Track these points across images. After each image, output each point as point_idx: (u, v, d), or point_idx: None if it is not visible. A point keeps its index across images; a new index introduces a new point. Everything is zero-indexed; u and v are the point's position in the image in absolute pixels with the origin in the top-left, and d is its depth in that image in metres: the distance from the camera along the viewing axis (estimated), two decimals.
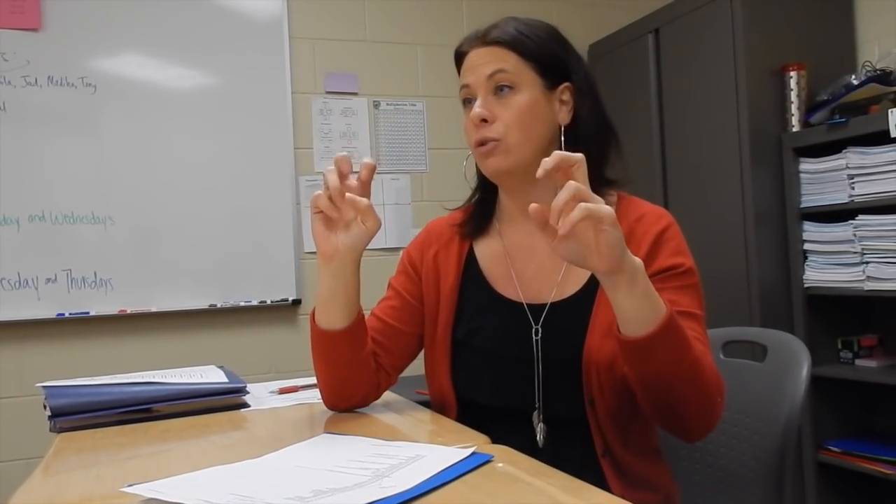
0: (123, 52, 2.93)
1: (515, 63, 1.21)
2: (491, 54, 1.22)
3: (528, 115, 1.20)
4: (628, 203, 1.28)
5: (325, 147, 3.22)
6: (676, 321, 1.01)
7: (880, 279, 2.43)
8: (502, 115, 1.20)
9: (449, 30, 3.34)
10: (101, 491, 0.91)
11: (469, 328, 1.29)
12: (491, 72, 1.21)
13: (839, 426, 2.72)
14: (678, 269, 1.18)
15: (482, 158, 1.23)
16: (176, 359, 2.69)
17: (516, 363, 1.23)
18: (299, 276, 3.11)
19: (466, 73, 1.24)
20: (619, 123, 1.36)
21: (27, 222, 2.78)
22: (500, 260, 1.32)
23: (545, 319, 1.23)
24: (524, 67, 1.21)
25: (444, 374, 1.30)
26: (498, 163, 1.21)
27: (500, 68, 1.20)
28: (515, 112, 1.20)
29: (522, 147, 1.20)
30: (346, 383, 1.26)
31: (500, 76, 1.20)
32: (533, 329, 1.23)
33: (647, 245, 1.20)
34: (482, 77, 1.21)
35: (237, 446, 1.15)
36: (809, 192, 2.68)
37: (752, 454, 1.36)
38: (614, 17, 3.51)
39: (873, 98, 2.54)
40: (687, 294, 1.18)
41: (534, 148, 1.21)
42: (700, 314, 1.18)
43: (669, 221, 1.22)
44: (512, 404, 1.22)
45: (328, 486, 0.84)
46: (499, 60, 1.21)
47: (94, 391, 1.32)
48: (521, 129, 1.20)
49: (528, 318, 1.24)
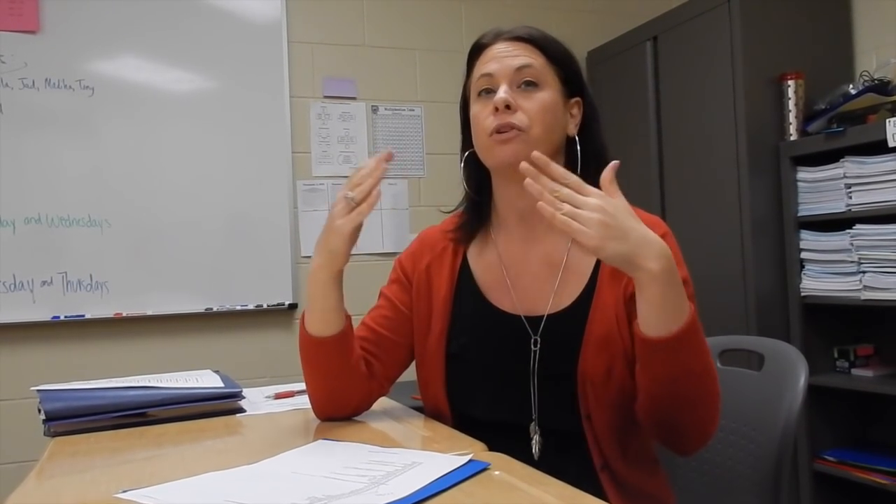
0: (121, 55, 2.93)
1: (542, 62, 1.22)
2: (519, 48, 1.22)
3: (550, 113, 1.20)
4: None
5: (323, 151, 3.21)
6: (698, 323, 1.02)
7: (877, 289, 2.43)
8: (526, 106, 1.19)
9: (447, 36, 3.34)
10: (95, 496, 0.91)
11: (463, 341, 1.28)
12: (520, 64, 1.20)
13: (835, 435, 2.72)
14: None
15: (499, 145, 1.19)
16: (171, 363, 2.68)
17: (512, 376, 1.22)
18: (296, 280, 3.10)
19: (489, 63, 1.22)
20: (617, 131, 1.37)
21: (23, 225, 2.77)
22: (495, 269, 1.30)
23: (543, 332, 1.22)
24: (549, 69, 1.22)
25: (438, 387, 1.28)
26: (516, 150, 1.17)
27: (529, 63, 1.20)
28: (540, 106, 1.19)
29: (541, 142, 1.19)
30: (339, 391, 1.26)
31: (528, 71, 1.20)
32: (531, 340, 1.21)
33: None
34: (510, 68, 1.20)
35: (232, 452, 1.14)
36: (807, 201, 2.68)
37: (749, 463, 1.36)
38: (613, 24, 3.52)
39: (871, 107, 2.55)
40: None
41: (548, 147, 1.20)
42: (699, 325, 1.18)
43: (665, 231, 1.21)
44: (508, 417, 1.21)
45: (324, 493, 0.84)
46: (527, 55, 1.21)
47: (89, 395, 1.31)
48: (543, 125, 1.19)
49: (526, 331, 1.23)
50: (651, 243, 0.99)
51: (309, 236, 3.16)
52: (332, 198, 3.20)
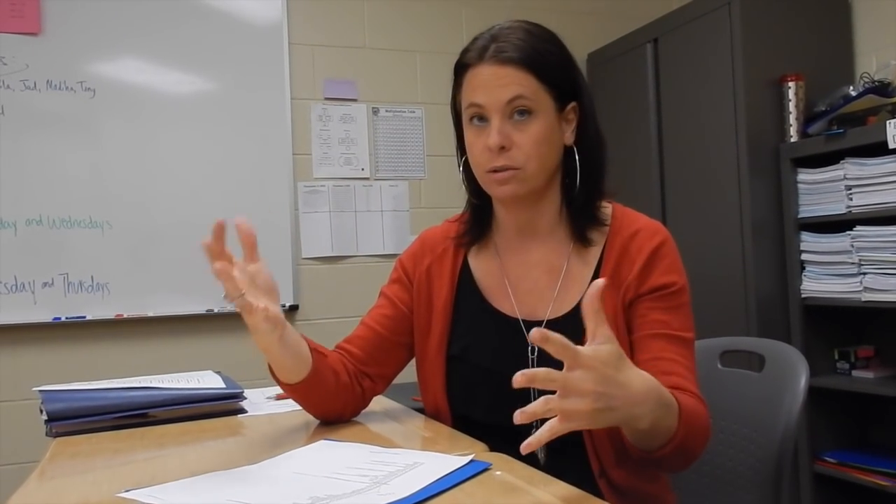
0: (123, 56, 2.93)
1: (534, 87, 1.15)
2: (508, 76, 1.15)
3: (545, 144, 1.17)
4: (623, 215, 1.26)
5: (324, 153, 3.22)
6: (685, 436, 1.01)
7: (877, 290, 2.43)
8: (521, 142, 1.16)
9: (448, 37, 3.35)
10: (97, 496, 0.91)
11: (464, 344, 1.27)
12: (510, 97, 1.14)
13: (835, 437, 2.72)
14: (671, 289, 1.18)
15: (496, 184, 1.19)
16: (172, 364, 2.68)
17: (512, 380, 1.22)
18: (296, 282, 3.11)
19: (477, 92, 1.17)
20: (617, 132, 1.37)
21: (24, 226, 2.78)
22: (496, 274, 1.30)
23: None
24: (541, 92, 1.16)
25: (438, 390, 1.28)
26: (514, 191, 1.18)
27: (520, 94, 1.14)
28: (535, 140, 1.16)
29: (538, 175, 1.18)
30: (332, 412, 1.28)
31: (519, 102, 1.15)
32: (529, 347, 1.21)
33: (642, 262, 1.19)
34: (500, 101, 1.15)
35: (234, 452, 1.14)
36: (807, 203, 2.68)
37: (749, 464, 1.36)
38: (613, 26, 3.52)
39: (871, 109, 2.55)
40: (679, 314, 1.17)
41: (546, 175, 1.21)
42: (689, 336, 1.17)
43: (664, 238, 1.21)
44: (507, 422, 1.21)
45: (326, 493, 0.84)
46: (517, 84, 1.15)
47: (91, 396, 1.31)
48: (539, 159, 1.17)
49: (525, 335, 1.22)
50: (639, 403, 0.91)
51: (309, 238, 3.17)
52: (332, 199, 3.21)
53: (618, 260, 1.21)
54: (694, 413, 1.04)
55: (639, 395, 0.91)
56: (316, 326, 3.11)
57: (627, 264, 1.20)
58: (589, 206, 1.24)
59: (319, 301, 3.15)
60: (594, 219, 1.24)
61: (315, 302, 3.15)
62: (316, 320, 3.13)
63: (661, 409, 0.96)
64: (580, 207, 1.23)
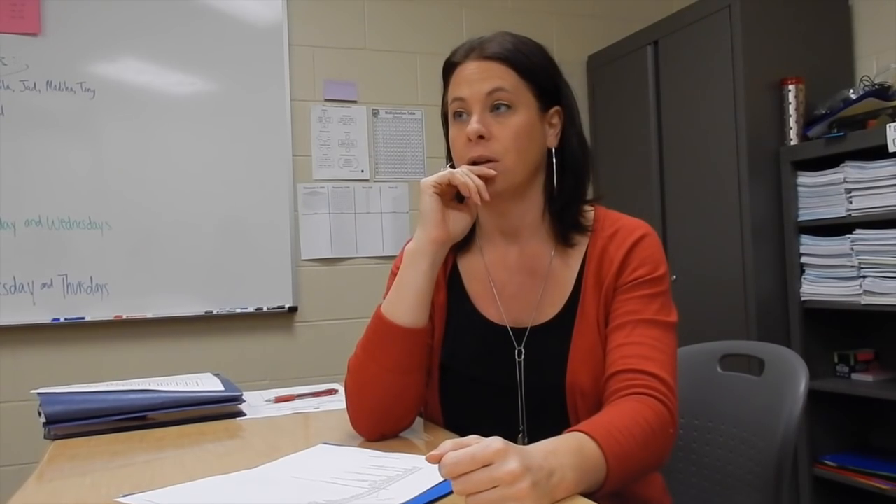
0: (123, 57, 2.93)
1: (515, 82, 1.18)
2: (490, 70, 1.17)
3: (524, 137, 1.18)
4: (605, 217, 1.26)
5: (324, 155, 3.21)
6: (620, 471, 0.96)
7: (877, 293, 2.43)
8: (500, 134, 1.17)
9: (448, 39, 3.31)
10: (95, 499, 0.91)
11: (451, 350, 1.27)
12: (490, 89, 1.17)
13: (835, 440, 2.72)
14: (645, 278, 1.17)
15: None
16: (171, 366, 2.68)
17: (499, 388, 1.22)
18: (296, 283, 3.10)
19: (461, 86, 1.19)
20: (617, 135, 1.37)
21: (23, 227, 2.77)
22: (482, 278, 1.30)
23: (527, 343, 1.22)
24: (522, 87, 1.18)
25: (432, 394, 1.28)
26: (493, 185, 1.16)
27: (500, 86, 1.17)
28: (514, 133, 1.17)
29: (517, 170, 1.18)
30: (402, 397, 1.18)
31: (499, 94, 1.17)
32: (515, 351, 1.21)
33: (620, 259, 1.19)
34: (480, 93, 1.17)
35: (233, 455, 1.14)
36: (807, 206, 2.68)
37: (749, 468, 1.36)
38: (614, 28, 3.52)
39: (871, 112, 2.55)
40: (653, 302, 1.16)
41: (526, 171, 1.20)
42: (665, 320, 1.16)
43: (643, 233, 1.21)
44: (496, 429, 1.21)
45: (324, 498, 0.84)
46: (498, 77, 1.17)
47: (89, 398, 1.31)
48: (517, 152, 1.17)
49: (511, 342, 1.23)
50: (553, 452, 0.88)
51: (309, 239, 3.16)
52: (332, 201, 3.21)
53: (599, 261, 1.21)
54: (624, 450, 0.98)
55: (549, 445, 0.89)
56: (315, 328, 3.11)
57: (607, 264, 1.20)
58: (571, 210, 1.24)
59: (319, 303, 3.15)
60: (576, 222, 1.24)
61: (314, 303, 3.14)
62: (315, 322, 3.13)
63: (585, 470, 0.91)
64: (561, 210, 1.23)
